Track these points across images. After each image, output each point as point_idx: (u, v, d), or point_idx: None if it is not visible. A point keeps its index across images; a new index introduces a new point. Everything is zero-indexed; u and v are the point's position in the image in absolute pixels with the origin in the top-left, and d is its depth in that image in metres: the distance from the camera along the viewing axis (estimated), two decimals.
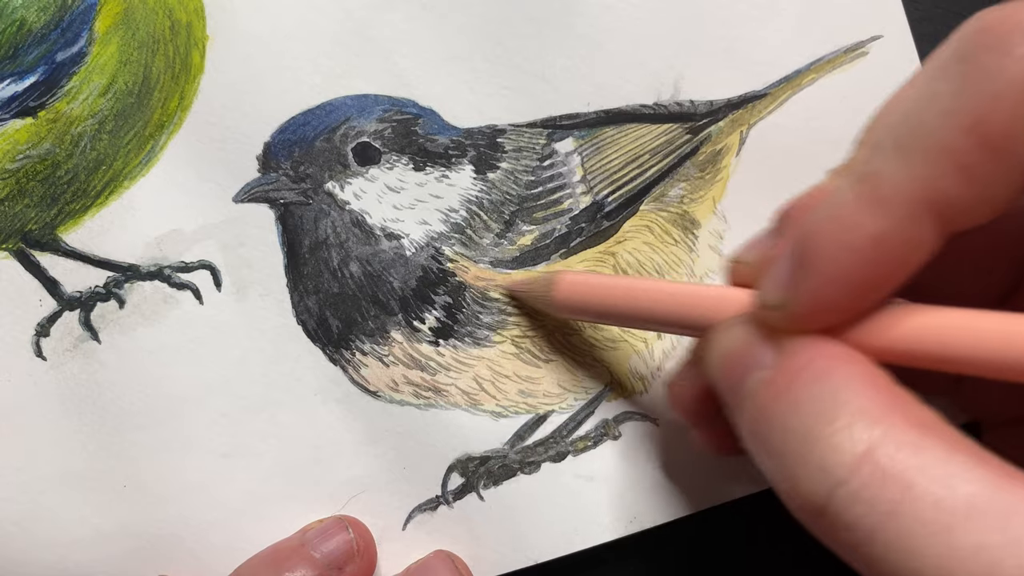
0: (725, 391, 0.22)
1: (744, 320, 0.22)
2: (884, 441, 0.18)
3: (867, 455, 0.18)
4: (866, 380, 0.19)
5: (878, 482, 0.17)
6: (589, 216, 0.31)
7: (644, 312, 0.25)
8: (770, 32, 0.31)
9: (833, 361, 0.19)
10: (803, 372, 0.20)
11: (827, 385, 0.19)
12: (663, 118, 0.31)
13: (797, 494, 0.19)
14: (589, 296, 0.27)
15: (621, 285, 0.26)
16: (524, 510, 0.30)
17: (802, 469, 0.19)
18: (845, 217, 0.19)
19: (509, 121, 0.31)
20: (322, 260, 0.30)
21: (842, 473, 0.18)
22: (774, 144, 0.31)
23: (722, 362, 0.22)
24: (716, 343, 0.22)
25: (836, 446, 0.18)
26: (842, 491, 0.18)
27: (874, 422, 0.18)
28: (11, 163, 0.29)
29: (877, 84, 0.30)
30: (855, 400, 0.18)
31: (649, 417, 0.31)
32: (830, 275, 0.19)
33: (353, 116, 0.30)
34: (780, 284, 0.20)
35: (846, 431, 0.18)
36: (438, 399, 0.30)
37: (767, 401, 0.20)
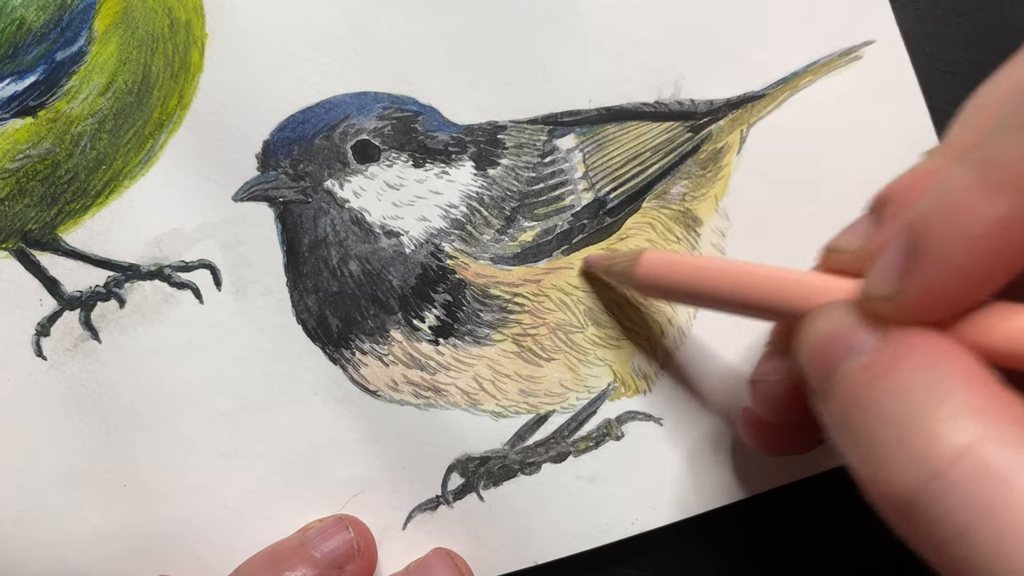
0: (816, 374, 0.21)
1: (844, 305, 0.21)
2: (987, 436, 0.17)
3: (969, 449, 0.17)
4: (972, 374, 0.18)
5: (977, 477, 0.17)
6: (591, 212, 0.30)
7: (732, 294, 0.24)
8: (768, 35, 0.31)
9: (939, 352, 0.19)
10: (907, 359, 0.19)
11: (931, 374, 0.18)
12: (664, 116, 0.31)
13: (887, 482, 0.18)
14: (673, 274, 0.26)
15: (708, 265, 0.25)
16: (524, 511, 0.30)
17: (896, 456, 0.18)
18: (965, 203, 0.18)
19: (510, 118, 0.30)
20: (321, 259, 0.30)
21: (940, 464, 0.17)
22: (774, 143, 0.31)
23: (818, 344, 0.21)
24: (813, 325, 0.22)
25: (937, 436, 0.17)
26: (937, 483, 0.17)
27: (978, 416, 0.17)
28: (11, 163, 0.29)
29: (870, 86, 0.31)
30: (959, 392, 0.18)
31: (653, 417, 0.30)
32: (946, 264, 0.18)
33: (352, 114, 0.30)
34: (891, 274, 0.19)
35: (948, 422, 0.17)
36: (438, 399, 0.30)
37: (865, 384, 0.19)
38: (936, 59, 0.31)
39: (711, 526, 0.30)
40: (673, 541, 0.31)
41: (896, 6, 0.31)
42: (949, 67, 0.31)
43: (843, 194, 0.30)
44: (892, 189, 0.23)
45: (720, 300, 0.25)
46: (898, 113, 0.31)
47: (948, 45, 0.31)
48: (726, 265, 0.25)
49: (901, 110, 0.31)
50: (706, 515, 0.30)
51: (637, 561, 0.31)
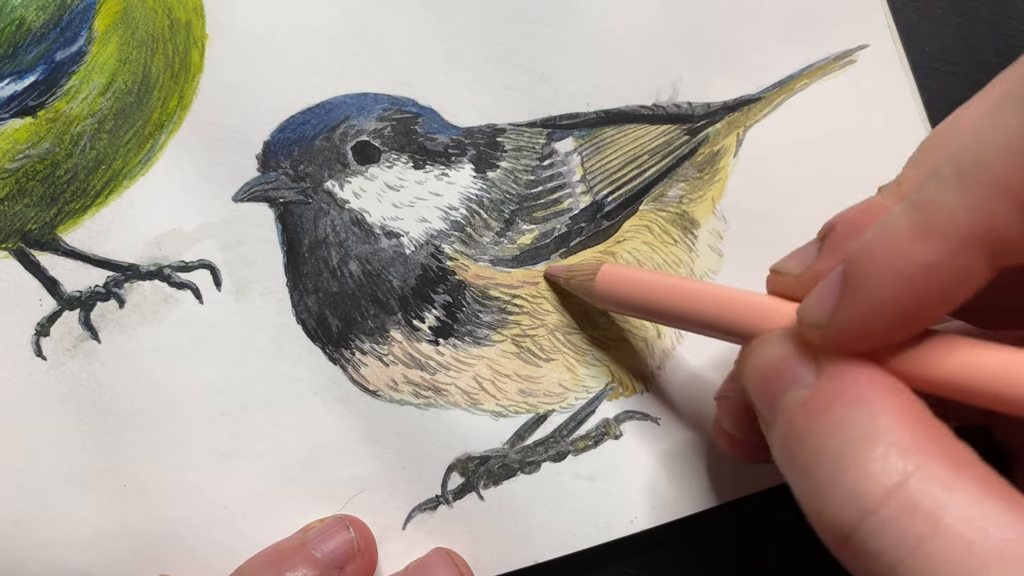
0: (760, 404, 0.22)
1: (785, 335, 0.22)
2: (917, 475, 0.18)
3: (899, 487, 0.18)
4: (904, 410, 0.19)
5: (907, 516, 0.17)
6: (589, 216, 0.31)
7: (684, 312, 0.25)
8: (764, 39, 0.31)
9: (873, 387, 0.19)
10: (842, 395, 0.19)
11: (865, 411, 0.19)
12: (662, 119, 0.31)
13: (824, 517, 0.19)
14: (629, 290, 0.26)
15: (663, 283, 0.26)
16: (524, 510, 0.30)
17: (831, 493, 0.19)
18: (897, 244, 0.19)
19: (509, 120, 0.31)
20: (321, 259, 0.30)
21: (871, 503, 0.18)
22: (770, 146, 0.31)
23: (760, 375, 0.22)
24: (755, 355, 0.22)
25: (869, 475, 0.18)
26: (870, 520, 0.18)
27: (909, 454, 0.18)
28: (11, 163, 0.29)
29: (864, 90, 0.31)
30: (892, 430, 0.18)
31: (650, 416, 0.31)
32: (877, 300, 0.19)
33: (353, 115, 0.30)
34: (824, 304, 0.20)
35: (880, 461, 0.18)
36: (438, 398, 0.30)
37: (802, 420, 0.20)
38: (936, 59, 0.31)
39: (710, 524, 0.31)
40: (672, 540, 0.31)
41: (896, 6, 0.31)
42: (949, 67, 0.32)
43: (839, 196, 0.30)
44: (838, 219, 0.23)
45: (672, 317, 0.26)
46: (892, 116, 0.31)
47: (948, 45, 0.32)
48: (681, 284, 0.25)
49: (895, 113, 0.31)
50: (705, 513, 0.30)
51: (636, 559, 0.31)
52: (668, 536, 0.31)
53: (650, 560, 0.31)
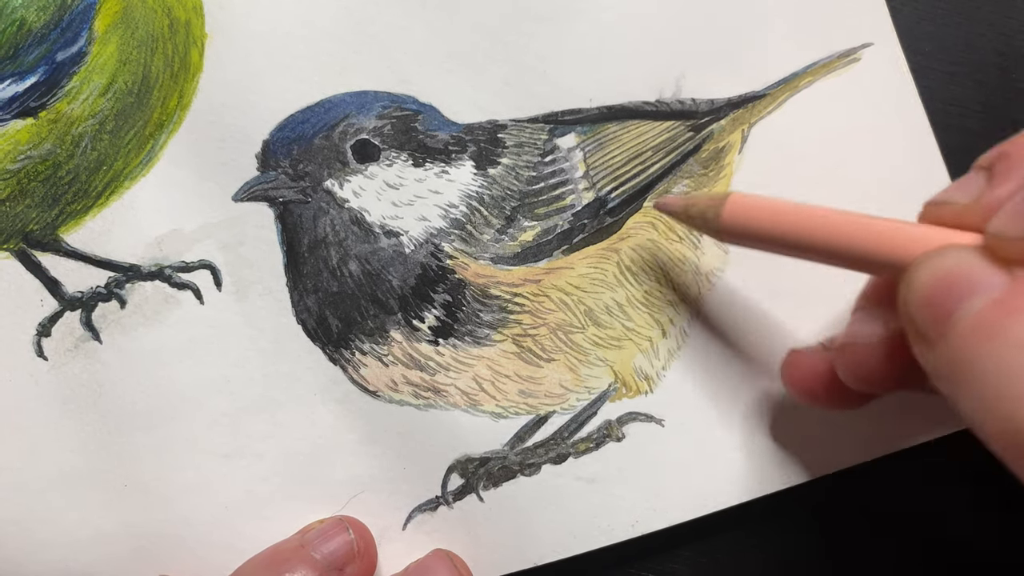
0: (929, 316, 0.20)
1: (964, 247, 0.20)
2: None
3: None
4: None
5: None
6: (592, 212, 0.30)
7: (827, 242, 0.23)
8: (768, 36, 0.31)
9: None
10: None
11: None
12: (665, 115, 0.30)
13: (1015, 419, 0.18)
14: (763, 220, 0.25)
15: (802, 212, 0.24)
16: (524, 512, 0.30)
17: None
18: None
19: (510, 117, 0.30)
20: (321, 259, 0.30)
21: None
22: (775, 143, 0.31)
23: (935, 284, 0.20)
24: (926, 267, 0.21)
25: None
26: None
27: None
28: (12, 164, 0.29)
29: (868, 88, 0.31)
30: None
31: (654, 418, 0.30)
32: None
33: (352, 113, 0.30)
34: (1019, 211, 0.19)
35: None
36: (437, 399, 0.30)
37: (999, 317, 0.19)
38: (936, 59, 0.31)
39: (712, 528, 0.30)
40: (674, 543, 0.31)
41: (896, 6, 0.31)
42: (949, 67, 0.31)
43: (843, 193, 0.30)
44: (1009, 147, 0.22)
45: (816, 249, 0.24)
46: (895, 114, 0.31)
47: (948, 45, 0.31)
48: (824, 213, 0.24)
49: (898, 111, 0.31)
50: (707, 517, 0.30)
51: (638, 563, 0.31)
52: (670, 540, 0.30)
53: (652, 563, 0.31)
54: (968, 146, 0.27)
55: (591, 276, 0.30)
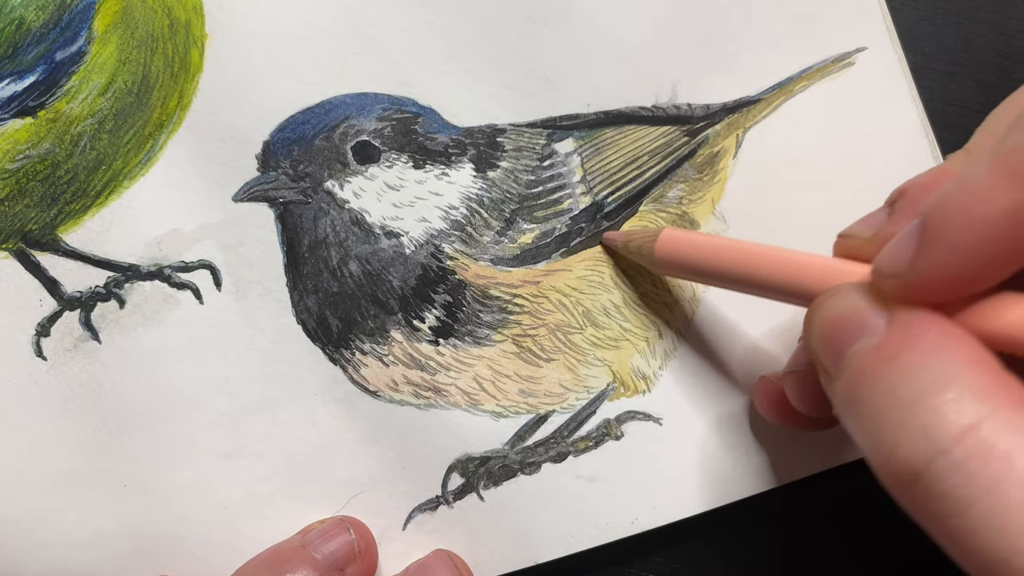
0: (826, 355, 0.22)
1: (854, 287, 0.22)
2: (991, 418, 0.18)
3: (973, 428, 0.18)
4: (977, 359, 0.19)
5: (982, 456, 0.17)
6: (589, 216, 0.31)
7: (746, 275, 0.25)
8: (763, 40, 0.31)
9: (946, 336, 0.19)
10: (915, 341, 0.20)
11: (939, 357, 0.19)
12: (661, 120, 0.31)
13: (894, 459, 0.19)
14: (690, 253, 0.26)
15: (725, 246, 0.26)
16: (524, 511, 0.30)
17: (903, 434, 0.19)
18: (979, 190, 0.19)
19: (509, 121, 0.31)
20: (321, 259, 0.30)
21: (945, 442, 0.18)
22: (769, 147, 0.31)
23: (829, 326, 0.22)
24: (824, 307, 0.22)
25: (943, 415, 0.18)
26: (943, 460, 0.18)
27: (983, 398, 0.18)
28: (11, 163, 0.29)
29: (863, 92, 0.31)
30: (966, 376, 0.19)
31: (652, 417, 0.31)
32: (958, 247, 0.19)
33: (353, 114, 0.30)
34: (902, 254, 0.20)
35: (954, 403, 0.18)
36: (438, 399, 0.30)
37: (874, 365, 0.20)
38: (936, 59, 0.31)
39: (711, 526, 0.31)
40: (673, 541, 0.31)
41: (896, 6, 0.31)
42: (949, 67, 0.31)
43: (838, 198, 0.31)
44: (909, 185, 0.24)
45: (735, 280, 0.25)
46: (890, 118, 0.31)
47: (948, 45, 0.31)
48: (743, 246, 0.25)
49: (893, 115, 0.31)
50: (706, 515, 0.30)
51: (637, 561, 0.31)
52: (669, 537, 0.31)
53: (650, 561, 0.31)
54: None
55: (589, 278, 0.31)
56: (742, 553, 0.32)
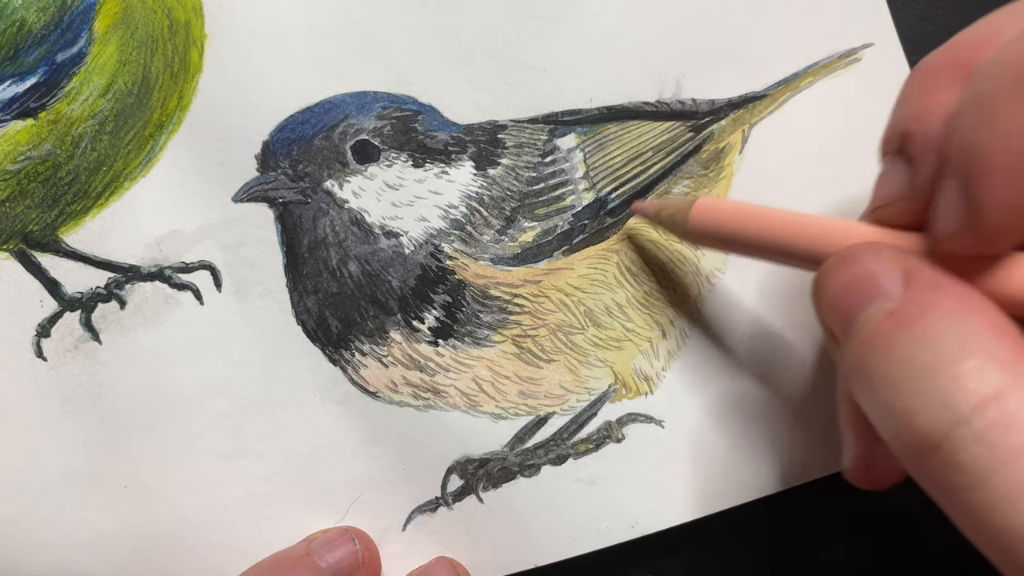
0: (836, 320, 0.21)
1: (866, 248, 0.21)
2: (1015, 388, 0.17)
3: (996, 398, 0.17)
4: (998, 326, 0.18)
5: (1003, 427, 0.17)
6: (592, 213, 0.30)
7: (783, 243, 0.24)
8: (768, 36, 0.31)
9: (966, 302, 0.19)
10: (934, 306, 0.19)
11: (959, 324, 0.18)
12: (666, 116, 0.30)
13: (911, 428, 0.18)
14: (726, 222, 0.26)
15: (762, 214, 0.25)
16: (523, 513, 0.30)
17: (922, 402, 0.18)
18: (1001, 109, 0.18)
19: (510, 117, 0.30)
20: (321, 259, 0.30)
21: (966, 411, 0.17)
22: (776, 143, 0.31)
23: (840, 288, 0.21)
24: (834, 269, 0.22)
25: (964, 384, 0.18)
26: (963, 430, 0.17)
27: (1005, 368, 0.18)
28: (12, 164, 0.29)
29: (869, 88, 0.30)
30: (987, 344, 0.18)
31: (654, 419, 0.30)
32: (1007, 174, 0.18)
33: (352, 114, 0.30)
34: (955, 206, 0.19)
35: (975, 371, 0.18)
36: (437, 400, 0.30)
37: (890, 330, 0.19)
38: None
39: (712, 530, 0.30)
40: (673, 545, 0.30)
41: (896, 6, 0.31)
42: None
43: (844, 193, 0.30)
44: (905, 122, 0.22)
45: (771, 249, 0.25)
46: None
47: None
48: (779, 215, 0.24)
49: None
50: (707, 519, 0.30)
51: (637, 564, 0.31)
52: (670, 541, 0.30)
53: (651, 565, 0.31)
54: None
55: (591, 277, 0.30)
56: (744, 558, 0.31)
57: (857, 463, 0.26)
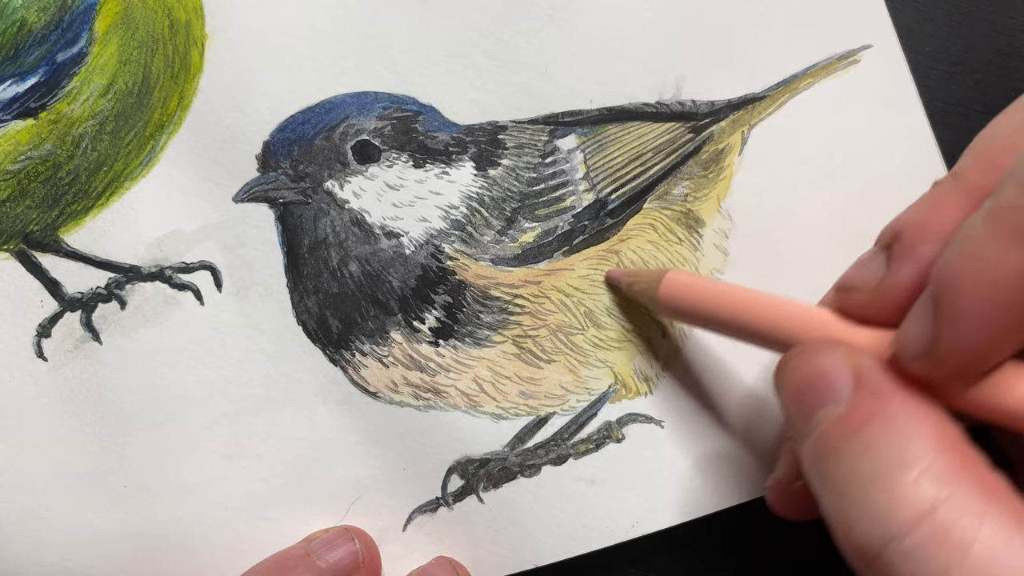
0: (795, 413, 0.22)
1: (824, 345, 0.21)
2: (949, 503, 0.18)
3: (929, 514, 0.18)
4: (940, 436, 0.19)
5: (936, 544, 0.17)
6: (592, 214, 0.30)
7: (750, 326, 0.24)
8: (768, 37, 0.31)
9: (909, 410, 0.19)
10: (878, 415, 0.19)
11: (900, 434, 0.19)
12: (665, 117, 0.30)
13: (851, 537, 0.19)
14: (695, 299, 0.26)
15: (729, 293, 0.25)
16: (524, 513, 0.30)
17: (861, 513, 0.19)
18: (984, 255, 0.18)
19: (510, 118, 0.30)
20: (321, 260, 0.30)
21: (901, 527, 0.18)
22: (775, 144, 0.31)
23: (796, 386, 0.22)
24: (791, 365, 0.22)
25: (900, 498, 0.18)
26: (898, 545, 0.18)
27: (941, 482, 0.18)
28: (13, 164, 0.29)
29: (868, 90, 0.30)
30: (926, 455, 0.18)
31: (654, 419, 0.30)
32: (975, 318, 0.18)
33: (352, 114, 0.30)
34: (922, 334, 0.19)
35: (912, 485, 0.18)
36: (438, 400, 0.30)
37: (836, 437, 0.20)
38: (936, 59, 0.31)
39: (712, 529, 0.30)
40: (674, 544, 0.31)
41: (896, 6, 0.31)
42: (949, 67, 0.31)
43: (843, 195, 0.30)
44: (903, 224, 0.22)
45: (736, 330, 0.25)
46: (895, 116, 0.31)
47: (948, 45, 0.31)
48: (747, 295, 0.25)
49: (898, 113, 0.31)
50: (707, 518, 0.30)
51: (638, 564, 0.31)
52: (670, 541, 0.30)
53: (651, 564, 0.31)
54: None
55: (591, 278, 0.30)
56: (745, 557, 0.31)
57: (775, 485, 0.27)
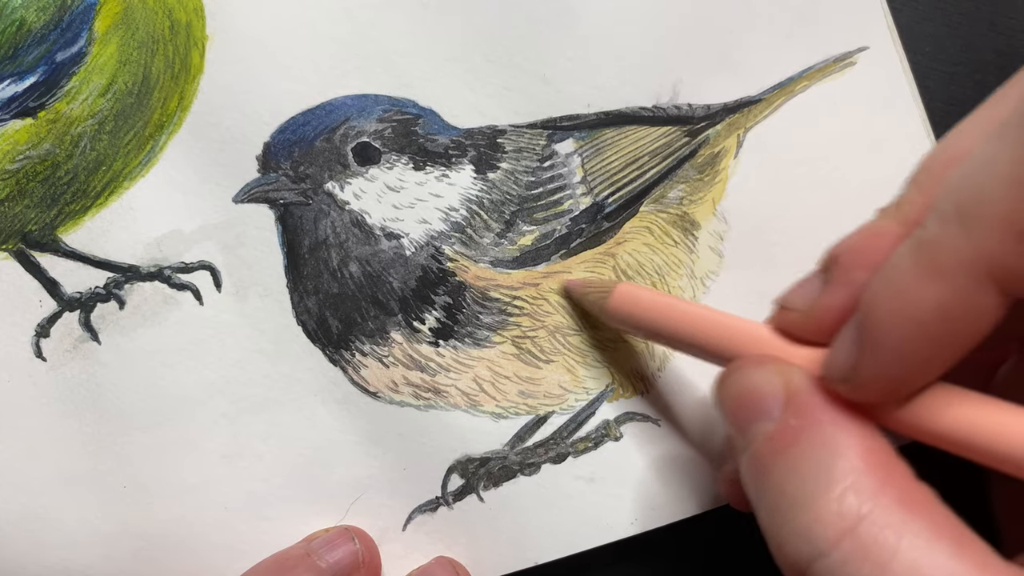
0: (732, 428, 0.22)
1: (757, 363, 0.22)
2: (870, 519, 0.18)
3: (851, 531, 0.18)
4: (865, 452, 0.19)
5: (857, 560, 0.18)
6: (589, 217, 0.31)
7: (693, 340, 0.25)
8: (764, 40, 0.31)
9: (836, 427, 0.20)
10: (804, 433, 0.20)
11: (827, 452, 0.19)
12: (662, 121, 0.31)
13: (782, 552, 0.19)
14: (642, 312, 0.26)
15: (676, 307, 0.26)
16: (524, 511, 0.30)
17: (790, 530, 0.19)
18: (906, 289, 0.19)
19: (509, 122, 0.31)
20: (322, 260, 0.30)
21: (824, 544, 0.18)
22: (771, 147, 0.31)
23: (731, 401, 0.22)
24: (727, 381, 0.23)
25: (824, 515, 0.19)
26: (822, 562, 0.18)
27: (864, 498, 0.19)
28: (11, 164, 0.29)
29: (864, 92, 0.31)
30: (851, 473, 0.19)
31: (651, 418, 0.31)
32: (895, 350, 0.19)
33: (353, 116, 0.30)
34: (846, 360, 0.20)
35: (835, 503, 0.19)
36: (438, 400, 0.30)
37: (767, 455, 0.20)
38: (936, 59, 0.31)
39: (710, 526, 0.31)
40: (672, 541, 0.31)
41: (896, 6, 0.31)
42: (949, 67, 0.31)
43: (839, 198, 0.31)
44: (841, 249, 0.23)
45: (680, 342, 0.26)
46: (892, 118, 0.31)
47: (948, 45, 0.31)
48: (692, 310, 0.25)
49: (895, 115, 0.31)
50: (705, 515, 0.30)
51: (636, 561, 0.31)
52: (669, 538, 0.31)
53: (651, 561, 0.31)
54: None
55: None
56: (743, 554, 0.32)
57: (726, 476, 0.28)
